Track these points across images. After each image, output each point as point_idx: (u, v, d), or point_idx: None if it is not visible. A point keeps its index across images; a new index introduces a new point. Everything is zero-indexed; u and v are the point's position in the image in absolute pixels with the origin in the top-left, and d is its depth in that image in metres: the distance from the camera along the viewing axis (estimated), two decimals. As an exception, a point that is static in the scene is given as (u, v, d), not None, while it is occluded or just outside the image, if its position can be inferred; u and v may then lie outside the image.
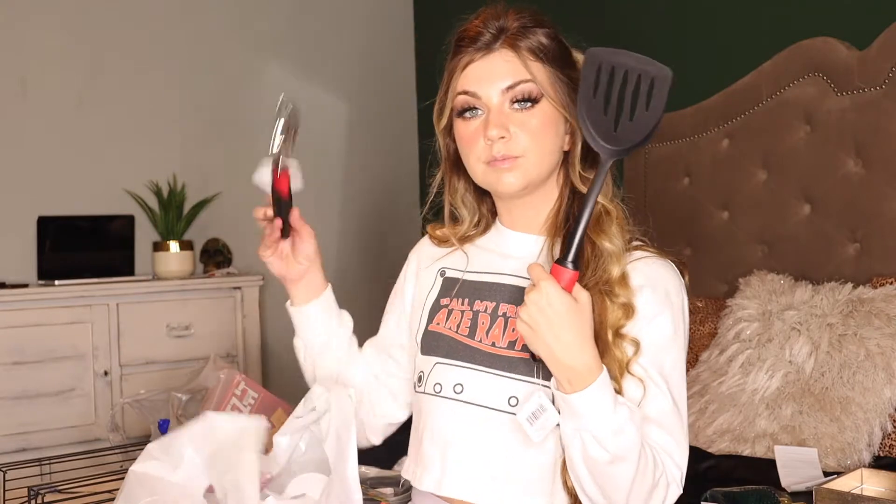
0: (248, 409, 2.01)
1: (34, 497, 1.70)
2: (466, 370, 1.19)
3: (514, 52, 1.17)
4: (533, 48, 1.17)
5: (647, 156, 2.72)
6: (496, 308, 1.22)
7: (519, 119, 1.16)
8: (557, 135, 1.19)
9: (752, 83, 2.43)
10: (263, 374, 3.32)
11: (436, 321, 1.26)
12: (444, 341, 1.24)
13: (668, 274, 1.19)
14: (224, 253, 3.46)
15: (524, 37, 1.18)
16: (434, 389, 1.22)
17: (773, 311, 2.06)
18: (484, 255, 1.29)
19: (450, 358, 1.22)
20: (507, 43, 1.17)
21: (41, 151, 3.13)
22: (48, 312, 2.84)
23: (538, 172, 1.19)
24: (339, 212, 3.78)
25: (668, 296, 1.16)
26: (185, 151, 3.40)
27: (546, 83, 1.17)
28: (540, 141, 1.17)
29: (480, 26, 1.19)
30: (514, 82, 1.16)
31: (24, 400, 2.78)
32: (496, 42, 1.17)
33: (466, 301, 1.25)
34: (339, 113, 3.75)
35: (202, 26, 3.45)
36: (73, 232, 3.08)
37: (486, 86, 1.17)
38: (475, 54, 1.18)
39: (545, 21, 1.21)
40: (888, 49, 2.12)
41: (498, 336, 1.20)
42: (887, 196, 2.12)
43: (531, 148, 1.17)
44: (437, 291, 1.30)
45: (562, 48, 1.21)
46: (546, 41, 1.19)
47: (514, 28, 1.18)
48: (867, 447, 1.78)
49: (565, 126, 1.20)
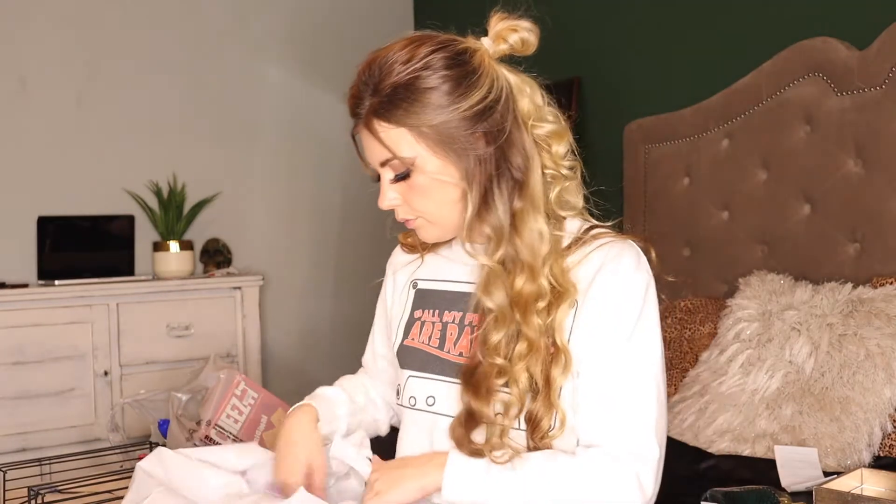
0: (248, 408, 2.00)
1: (34, 497, 1.70)
2: (437, 382, 1.21)
3: (370, 133, 1.13)
4: (397, 116, 1.10)
5: (647, 156, 2.72)
6: (462, 318, 1.23)
7: (405, 187, 1.15)
8: (446, 192, 1.14)
9: (752, 83, 2.43)
10: (263, 374, 3.33)
11: (411, 335, 1.28)
12: (418, 355, 1.25)
13: (626, 260, 1.15)
14: (224, 253, 3.46)
15: (387, 107, 1.10)
16: (409, 402, 1.25)
17: (773, 311, 2.06)
18: (449, 264, 1.29)
19: (422, 371, 1.24)
20: (366, 121, 1.13)
21: (41, 151, 3.13)
22: (48, 312, 2.84)
23: (448, 223, 1.18)
24: (339, 212, 3.78)
25: (628, 284, 1.14)
26: (185, 151, 3.40)
27: (418, 146, 1.11)
28: (427, 205, 1.16)
29: (354, 92, 1.15)
30: (383, 160, 1.14)
31: (24, 400, 2.78)
32: (360, 117, 1.14)
33: (436, 312, 1.26)
34: (340, 113, 3.73)
35: (202, 26, 3.45)
36: (73, 232, 3.08)
37: (368, 159, 1.18)
38: (354, 124, 1.17)
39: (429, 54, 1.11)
40: (888, 49, 2.12)
41: (466, 346, 1.20)
42: (887, 196, 2.12)
43: (423, 211, 1.17)
44: (410, 304, 1.31)
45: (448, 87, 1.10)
46: (421, 97, 1.09)
47: (379, 98, 1.11)
48: (867, 447, 1.78)
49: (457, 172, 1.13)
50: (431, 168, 1.12)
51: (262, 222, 3.59)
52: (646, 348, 1.14)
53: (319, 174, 3.72)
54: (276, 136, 3.61)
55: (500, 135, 1.13)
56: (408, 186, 1.15)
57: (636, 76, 2.90)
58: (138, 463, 1.19)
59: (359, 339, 1.40)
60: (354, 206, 3.77)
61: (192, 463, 1.18)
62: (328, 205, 3.76)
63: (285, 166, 3.63)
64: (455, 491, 1.11)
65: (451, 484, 1.11)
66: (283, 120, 3.63)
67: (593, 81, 3.03)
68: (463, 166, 1.12)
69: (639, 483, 1.10)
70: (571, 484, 1.09)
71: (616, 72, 2.98)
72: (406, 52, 1.12)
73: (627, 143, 2.79)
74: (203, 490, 1.14)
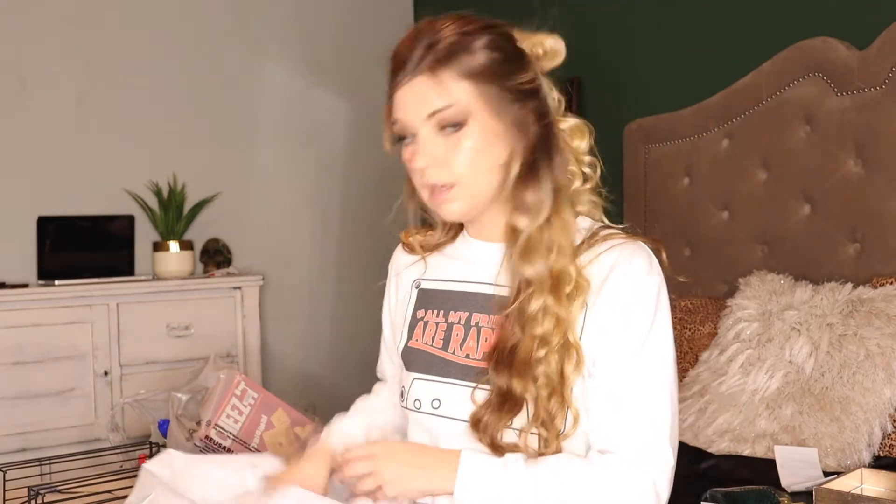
0: (248, 408, 2.00)
1: (34, 497, 1.70)
2: (442, 385, 1.19)
3: (436, 76, 1.11)
4: (460, 67, 1.11)
5: (647, 156, 2.73)
6: (469, 318, 1.21)
7: (449, 144, 1.13)
8: (493, 154, 1.14)
9: (752, 83, 2.43)
10: (263, 374, 3.32)
11: (415, 336, 1.26)
12: (422, 356, 1.23)
13: (637, 261, 1.14)
14: (224, 253, 3.46)
15: (450, 56, 1.11)
16: (414, 405, 1.23)
17: (773, 311, 2.06)
18: (453, 263, 1.28)
19: (427, 373, 1.22)
20: (430, 66, 1.11)
21: (41, 151, 3.13)
22: (48, 312, 2.84)
23: (478, 194, 1.15)
24: (339, 212, 3.78)
25: (640, 286, 1.13)
26: (185, 151, 3.40)
27: (476, 102, 1.12)
28: (473, 164, 1.13)
29: (407, 47, 1.13)
30: (435, 109, 1.11)
31: (24, 400, 2.78)
32: (420, 64, 1.11)
33: (441, 313, 1.24)
34: (340, 113, 3.75)
35: (202, 26, 3.45)
36: (73, 232, 3.08)
37: (412, 112, 1.13)
38: (402, 78, 1.13)
39: (486, 28, 1.14)
40: (888, 49, 2.12)
41: (473, 348, 1.19)
42: (887, 196, 2.12)
43: (465, 172, 1.13)
44: (413, 304, 1.30)
45: (501, 58, 1.14)
46: (480, 55, 1.12)
47: (441, 48, 1.11)
48: (867, 447, 1.78)
49: (507, 139, 1.14)
50: (483, 125, 1.13)
51: (262, 222, 3.59)
52: (659, 353, 1.12)
53: (319, 174, 3.72)
54: (276, 136, 3.61)
55: (544, 117, 1.17)
56: (453, 143, 1.12)
57: (636, 76, 2.90)
58: (144, 464, 1.18)
59: (359, 339, 1.40)
60: (354, 206, 3.77)
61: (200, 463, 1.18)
62: (328, 205, 3.76)
63: (285, 166, 3.63)
64: (468, 493, 1.09)
65: (464, 486, 1.09)
66: (283, 120, 3.63)
67: (593, 81, 3.02)
68: (512, 134, 1.14)
69: (654, 490, 1.09)
70: (587, 488, 1.08)
71: (616, 72, 2.98)
72: (464, 21, 1.14)
73: (627, 143, 2.79)
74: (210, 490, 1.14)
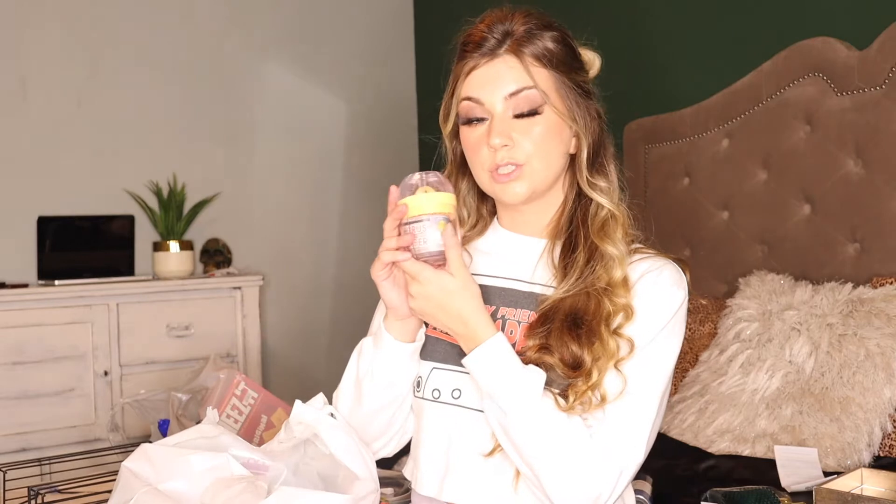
0: (248, 408, 2.00)
1: (34, 497, 1.70)
2: (464, 375, 1.19)
3: (517, 59, 1.16)
4: (538, 54, 1.17)
5: (647, 156, 2.73)
6: (496, 312, 1.22)
7: (522, 126, 1.16)
8: (562, 141, 1.19)
9: (752, 83, 2.43)
10: (263, 374, 3.32)
11: (431, 325, 1.25)
12: (441, 346, 1.23)
13: (667, 273, 1.19)
14: (224, 253, 3.46)
15: (529, 42, 1.17)
16: (433, 395, 1.22)
17: (773, 311, 2.06)
18: (482, 257, 1.28)
19: (447, 363, 1.22)
20: (511, 48, 1.16)
21: (41, 151, 3.13)
22: (48, 312, 2.84)
23: (543, 179, 1.19)
24: (339, 212, 3.78)
25: (665, 294, 1.17)
26: (185, 151, 3.40)
27: (550, 89, 1.17)
28: (543, 148, 1.17)
29: (485, 30, 1.18)
30: (517, 89, 1.16)
31: (24, 400, 2.78)
32: (500, 47, 1.17)
33: None
34: (339, 113, 3.75)
35: (202, 26, 3.45)
36: (73, 232, 3.08)
37: (490, 92, 1.17)
38: (479, 59, 1.18)
39: (553, 24, 1.20)
40: (888, 49, 2.12)
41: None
42: (887, 196, 2.12)
43: (535, 155, 1.17)
44: None
45: (569, 52, 1.21)
46: (552, 46, 1.18)
47: (520, 33, 1.17)
48: (867, 447, 1.78)
49: (570, 131, 1.20)
50: (558, 113, 1.18)
51: (262, 222, 3.59)
52: (663, 355, 1.15)
53: (319, 174, 3.72)
54: (276, 136, 3.61)
55: (600, 118, 1.24)
56: (528, 127, 1.17)
57: (636, 76, 2.90)
58: (123, 462, 1.17)
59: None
60: (354, 205, 3.77)
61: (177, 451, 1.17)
62: (328, 205, 3.76)
63: (285, 166, 3.63)
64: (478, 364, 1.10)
65: (478, 356, 1.10)
66: (283, 120, 3.63)
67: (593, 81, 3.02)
68: (580, 125, 1.20)
69: (617, 480, 1.10)
70: (571, 444, 1.08)
71: (616, 72, 2.98)
72: (533, 14, 1.20)
73: (627, 143, 2.79)
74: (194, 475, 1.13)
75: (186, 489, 1.13)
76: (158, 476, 1.14)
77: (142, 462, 1.16)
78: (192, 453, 1.15)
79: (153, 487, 1.13)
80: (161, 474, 1.14)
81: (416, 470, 1.25)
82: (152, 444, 1.18)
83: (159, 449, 1.17)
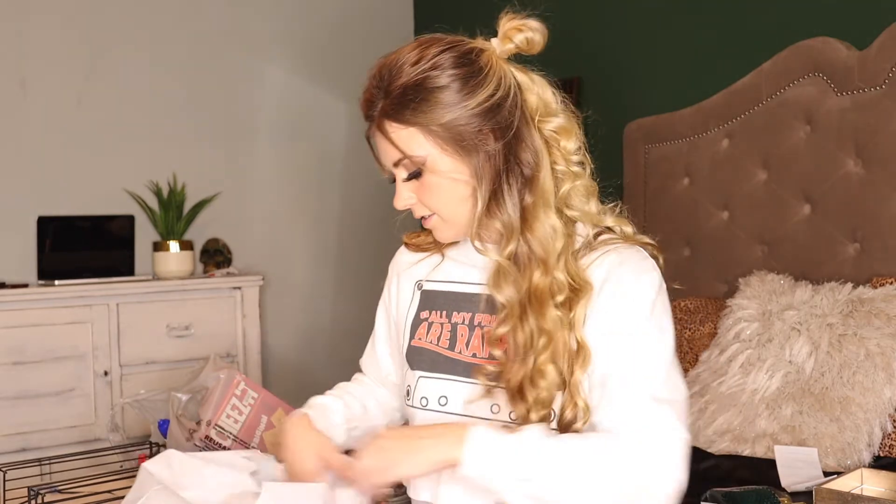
0: (248, 408, 2.00)
1: (34, 497, 1.70)
2: (449, 382, 1.21)
3: (382, 135, 1.15)
4: (407, 117, 1.13)
5: (647, 156, 2.72)
6: (472, 318, 1.23)
7: (416, 185, 1.17)
8: (457, 188, 1.16)
9: (752, 83, 2.43)
10: (263, 374, 3.32)
11: (417, 336, 1.28)
12: (427, 355, 1.25)
13: (634, 261, 1.16)
14: (224, 253, 3.46)
15: (398, 108, 1.13)
16: (421, 403, 1.24)
17: (773, 311, 2.06)
18: (455, 265, 1.29)
19: (433, 371, 1.23)
20: (378, 123, 1.16)
21: (41, 151, 3.13)
22: (48, 312, 2.84)
23: (458, 221, 1.19)
24: (339, 211, 3.78)
25: (635, 283, 1.14)
26: (185, 151, 3.40)
27: (431, 146, 1.14)
28: (440, 202, 1.17)
29: (364, 99, 1.18)
30: (395, 161, 1.16)
31: (24, 400, 2.78)
32: (374, 122, 1.17)
33: (444, 313, 1.26)
34: (339, 113, 3.75)
35: (202, 26, 3.45)
36: (73, 232, 3.08)
37: (382, 160, 1.20)
38: (368, 127, 1.20)
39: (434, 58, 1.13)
40: (888, 49, 2.12)
41: (478, 346, 1.21)
42: (887, 196, 2.12)
43: (437, 208, 1.18)
44: (416, 305, 1.31)
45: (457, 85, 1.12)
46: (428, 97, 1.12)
47: (390, 99, 1.13)
48: (867, 447, 1.78)
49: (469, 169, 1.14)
50: (442, 167, 1.14)
51: (262, 222, 3.59)
52: (660, 333, 1.13)
53: (319, 174, 3.72)
54: (276, 136, 3.61)
55: (507, 131, 1.14)
56: (420, 185, 1.17)
57: (636, 76, 2.90)
58: (143, 463, 1.19)
59: (359, 339, 1.40)
60: (354, 205, 3.77)
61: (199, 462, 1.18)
62: (328, 205, 3.76)
63: (285, 166, 3.63)
64: (476, 461, 1.06)
65: (472, 453, 1.06)
66: (283, 120, 3.63)
67: (593, 81, 3.03)
68: (473, 163, 1.14)
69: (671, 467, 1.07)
70: (611, 460, 1.05)
71: (616, 72, 2.98)
72: (415, 53, 1.14)
73: (627, 142, 2.79)
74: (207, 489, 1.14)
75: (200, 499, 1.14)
76: (174, 481, 1.15)
77: (162, 466, 1.18)
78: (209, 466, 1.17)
79: (165, 487, 1.14)
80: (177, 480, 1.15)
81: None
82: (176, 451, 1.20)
83: (181, 456, 1.19)
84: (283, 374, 3.53)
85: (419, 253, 1.34)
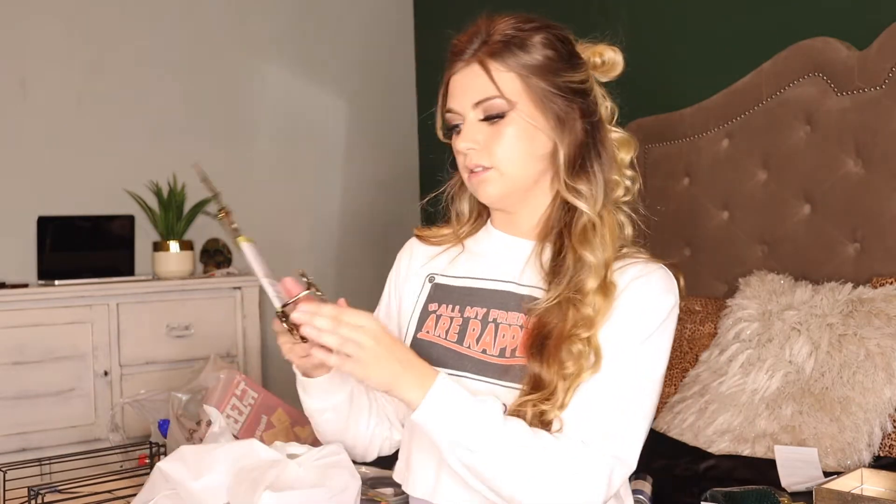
0: (248, 408, 2.01)
1: (34, 497, 1.70)
2: (456, 378, 1.18)
3: (482, 67, 1.17)
4: (508, 59, 1.16)
5: (647, 156, 2.73)
6: (487, 314, 1.22)
7: (490, 130, 1.18)
8: (534, 143, 1.18)
9: (752, 83, 2.43)
10: (263, 374, 3.32)
11: (425, 329, 1.26)
12: (434, 350, 1.23)
13: (656, 278, 1.17)
14: (224, 253, 3.46)
15: (501, 50, 1.16)
16: None
17: (773, 311, 2.06)
18: (473, 259, 1.28)
19: (439, 366, 1.21)
20: (479, 58, 1.17)
21: (41, 151, 3.13)
22: (48, 312, 2.84)
23: (515, 181, 1.19)
24: (339, 212, 3.78)
25: (654, 300, 1.15)
26: (185, 151, 3.39)
27: (520, 93, 1.16)
28: (512, 151, 1.17)
29: (463, 39, 1.20)
30: (481, 98, 1.17)
31: (24, 400, 2.78)
32: (472, 56, 1.18)
33: (457, 307, 1.25)
34: (339, 113, 3.74)
35: (202, 26, 3.45)
36: (73, 232, 3.08)
37: (459, 100, 1.19)
38: (456, 67, 1.20)
39: (538, 28, 1.19)
40: (888, 49, 2.12)
41: (489, 343, 1.20)
42: (887, 196, 2.12)
43: (503, 159, 1.17)
44: (424, 297, 1.30)
45: (554, 55, 1.19)
46: (531, 51, 1.17)
47: (494, 41, 1.17)
48: (867, 447, 1.78)
49: (549, 133, 1.18)
50: (528, 117, 1.17)
51: (262, 222, 3.59)
52: (651, 360, 1.14)
53: (319, 174, 3.72)
54: (275, 136, 3.61)
55: (592, 115, 1.21)
56: (496, 131, 1.17)
57: (636, 76, 2.90)
58: (158, 463, 1.19)
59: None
60: (354, 206, 3.77)
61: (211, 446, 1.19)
62: (328, 205, 3.76)
63: (285, 166, 3.63)
64: (429, 415, 1.06)
65: (428, 407, 1.06)
66: (283, 120, 3.63)
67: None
68: (556, 126, 1.18)
69: (608, 484, 1.09)
70: (546, 457, 1.07)
71: (616, 72, 2.97)
72: (521, 18, 1.19)
73: (627, 143, 2.79)
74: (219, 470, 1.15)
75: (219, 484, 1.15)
76: (191, 474, 1.16)
77: (176, 463, 1.18)
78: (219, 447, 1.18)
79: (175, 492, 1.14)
80: (193, 472, 1.16)
81: (407, 472, 1.26)
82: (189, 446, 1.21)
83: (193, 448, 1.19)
84: (283, 374, 3.52)
85: (434, 247, 1.34)
